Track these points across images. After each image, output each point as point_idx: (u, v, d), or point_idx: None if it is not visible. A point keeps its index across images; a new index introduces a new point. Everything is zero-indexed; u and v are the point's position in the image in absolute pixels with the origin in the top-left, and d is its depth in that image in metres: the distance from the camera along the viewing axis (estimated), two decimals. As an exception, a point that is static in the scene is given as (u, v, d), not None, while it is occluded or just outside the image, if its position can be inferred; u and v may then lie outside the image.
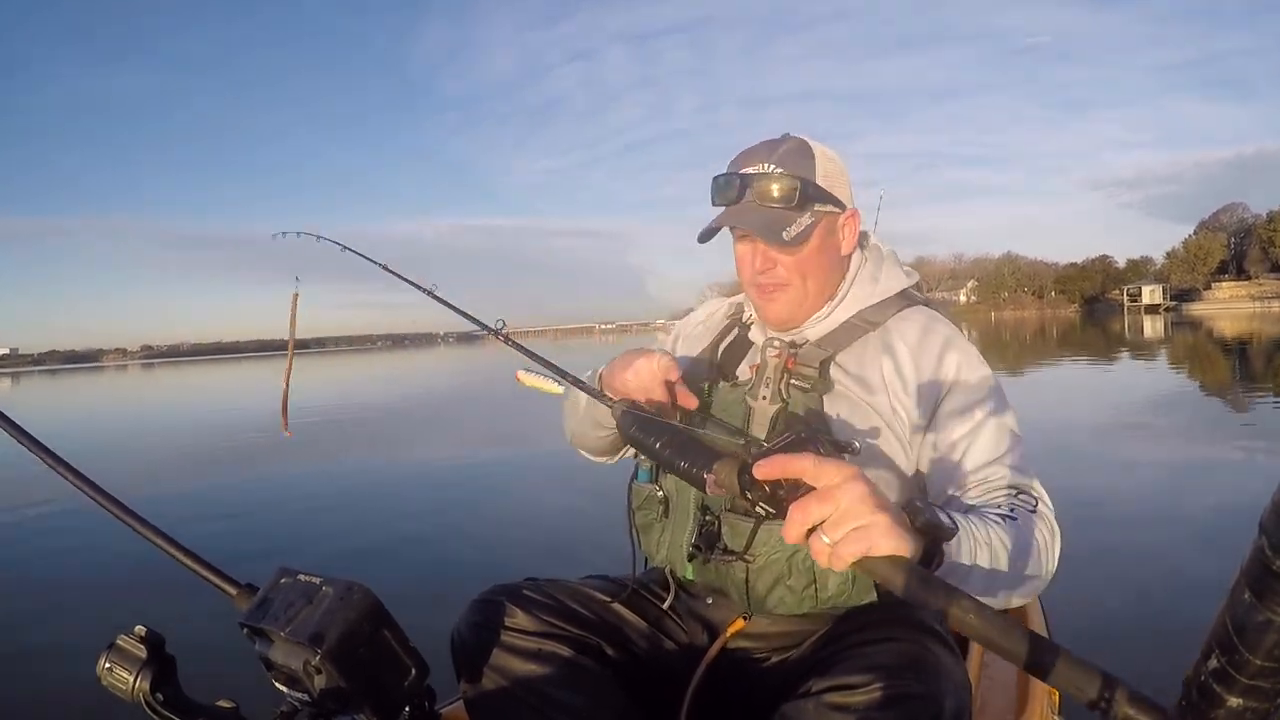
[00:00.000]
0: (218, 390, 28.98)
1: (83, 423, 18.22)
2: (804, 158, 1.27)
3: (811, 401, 1.22)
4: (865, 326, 1.30)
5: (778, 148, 1.28)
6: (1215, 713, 0.48)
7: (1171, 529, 4.72)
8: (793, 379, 1.24)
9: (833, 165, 1.29)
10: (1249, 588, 0.44)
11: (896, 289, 1.34)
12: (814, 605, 1.20)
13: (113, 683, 0.83)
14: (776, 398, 1.23)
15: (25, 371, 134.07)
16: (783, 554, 1.19)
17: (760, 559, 1.20)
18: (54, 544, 5.84)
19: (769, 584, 1.20)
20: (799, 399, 1.22)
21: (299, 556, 4.97)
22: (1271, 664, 0.44)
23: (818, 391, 1.23)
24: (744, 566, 1.21)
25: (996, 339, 36.69)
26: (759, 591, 1.21)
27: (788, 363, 1.24)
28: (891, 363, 1.24)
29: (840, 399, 1.23)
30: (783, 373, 1.23)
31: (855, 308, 1.32)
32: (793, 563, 1.19)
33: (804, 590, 1.19)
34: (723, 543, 1.23)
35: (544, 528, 5.63)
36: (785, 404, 1.22)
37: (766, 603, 1.22)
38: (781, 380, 1.23)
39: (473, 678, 1.22)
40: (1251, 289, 76.92)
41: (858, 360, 1.27)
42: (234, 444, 10.95)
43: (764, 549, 1.20)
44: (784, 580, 1.19)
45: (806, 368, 1.25)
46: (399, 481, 7.94)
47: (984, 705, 1.45)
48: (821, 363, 1.25)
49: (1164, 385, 13.73)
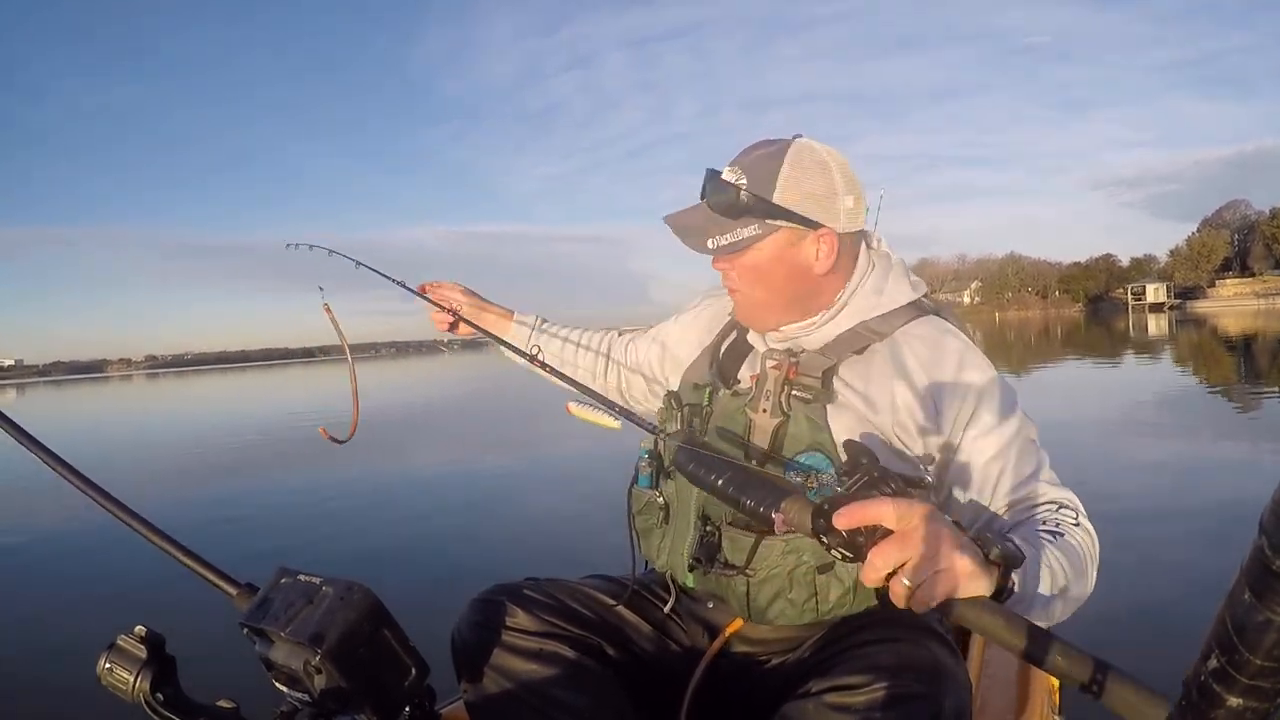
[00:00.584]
0: (222, 399, 29.01)
1: (90, 430, 18.28)
2: (770, 168, 1.18)
3: (814, 413, 1.19)
4: (871, 336, 1.24)
5: (757, 151, 1.21)
6: (1215, 713, 0.47)
7: (1172, 527, 4.71)
8: (794, 390, 1.21)
9: (815, 179, 1.19)
10: (1249, 587, 0.44)
11: (903, 300, 1.26)
12: (815, 617, 1.18)
13: (113, 683, 0.83)
14: (777, 411, 1.20)
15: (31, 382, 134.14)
16: (783, 568, 1.17)
17: (761, 573, 1.18)
18: (54, 544, 5.86)
19: (770, 597, 1.19)
20: (800, 410, 1.19)
21: (299, 556, 4.97)
22: (1271, 664, 0.44)
23: (820, 402, 1.19)
24: (744, 580, 1.20)
25: (1001, 340, 36.63)
26: (760, 604, 1.20)
27: (789, 373, 1.21)
28: (901, 377, 1.20)
29: (843, 410, 1.20)
30: (783, 385, 1.21)
31: (857, 318, 1.25)
32: (794, 576, 1.17)
33: (805, 603, 1.17)
34: (723, 556, 1.21)
35: (544, 528, 5.63)
36: (786, 418, 1.20)
37: (767, 614, 1.20)
38: (782, 393, 1.20)
39: (473, 677, 1.22)
40: (1256, 286, 76.71)
41: (864, 371, 1.22)
42: (240, 448, 10.98)
43: (764, 563, 1.18)
44: (785, 594, 1.18)
45: (808, 377, 1.21)
46: (399, 482, 7.95)
47: (984, 705, 1.45)
48: (824, 372, 1.22)
49: (1169, 383, 13.69)
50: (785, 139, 1.23)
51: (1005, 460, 1.15)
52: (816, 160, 1.20)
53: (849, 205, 1.22)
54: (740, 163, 1.21)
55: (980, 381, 1.18)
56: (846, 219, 1.22)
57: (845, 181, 1.22)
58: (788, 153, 1.19)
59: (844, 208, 1.21)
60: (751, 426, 1.22)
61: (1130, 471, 6.40)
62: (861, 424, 1.19)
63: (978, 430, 1.16)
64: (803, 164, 1.19)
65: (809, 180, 1.19)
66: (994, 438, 1.15)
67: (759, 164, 1.19)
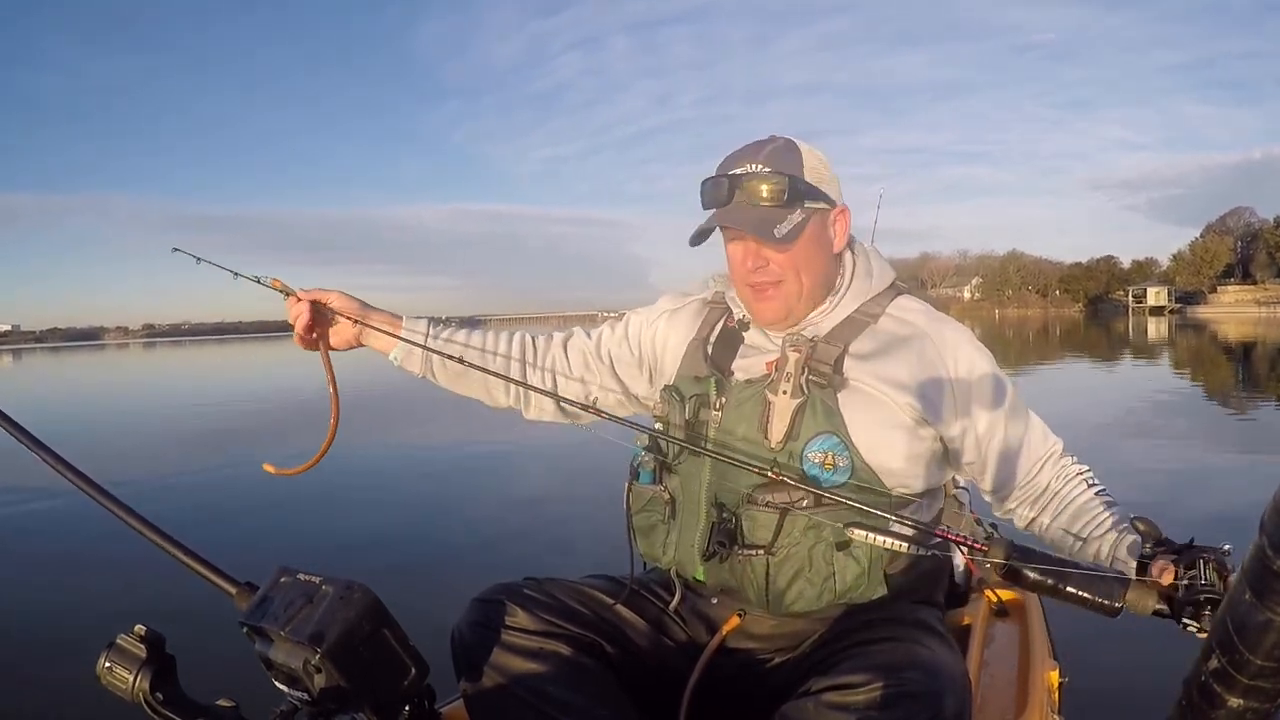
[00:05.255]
0: (221, 376, 28.92)
1: (86, 408, 18.25)
2: (791, 155, 1.29)
3: (828, 398, 1.24)
4: (868, 318, 1.32)
5: (764, 148, 1.29)
6: (1215, 713, 0.47)
7: (1171, 528, 4.70)
8: (810, 375, 1.25)
9: (820, 164, 1.31)
10: (1249, 588, 0.44)
11: (888, 282, 1.37)
12: (832, 598, 1.21)
13: (113, 682, 0.83)
14: (798, 392, 1.24)
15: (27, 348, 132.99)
16: (804, 545, 1.20)
17: (782, 551, 1.21)
18: (54, 543, 5.84)
19: (789, 577, 1.21)
20: (816, 394, 1.24)
21: (298, 555, 4.97)
22: (1271, 664, 0.44)
23: (833, 387, 1.25)
24: (765, 561, 1.22)
25: (1000, 336, 36.63)
26: (779, 585, 1.22)
27: (807, 357, 1.27)
28: (906, 348, 1.28)
29: (855, 392, 1.25)
30: (803, 368, 1.26)
31: (856, 302, 1.33)
32: (814, 554, 1.20)
33: (823, 583, 1.20)
34: (743, 537, 1.23)
35: (544, 527, 5.63)
36: (806, 398, 1.24)
37: (786, 597, 1.22)
38: (803, 375, 1.25)
39: (473, 677, 1.22)
40: (1257, 294, 76.48)
41: (869, 350, 1.29)
42: (235, 434, 10.97)
43: (786, 540, 1.21)
44: (804, 573, 1.20)
45: (822, 364, 1.26)
46: (399, 481, 7.94)
47: (984, 704, 1.45)
48: (835, 359, 1.27)
49: (1167, 387, 13.70)
50: (766, 138, 1.33)
51: (1025, 426, 1.31)
52: (810, 149, 1.32)
53: (838, 186, 1.35)
54: (755, 159, 1.28)
55: (976, 353, 1.31)
56: (840, 199, 1.35)
57: (829, 168, 1.34)
58: (794, 144, 1.31)
59: (838, 188, 1.34)
60: (770, 410, 1.24)
61: (1131, 473, 6.40)
62: (874, 399, 1.25)
63: (986, 400, 1.28)
64: (810, 152, 1.31)
65: (818, 165, 1.31)
66: (1002, 404, 1.29)
67: (779, 155, 1.28)
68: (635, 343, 1.50)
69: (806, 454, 1.21)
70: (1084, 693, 1.77)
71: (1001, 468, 1.31)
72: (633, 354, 1.50)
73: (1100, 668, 0.88)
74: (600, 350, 1.52)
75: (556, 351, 1.53)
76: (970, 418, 1.28)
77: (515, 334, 1.56)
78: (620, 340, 1.51)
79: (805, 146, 1.31)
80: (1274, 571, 0.42)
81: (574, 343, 1.54)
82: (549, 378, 1.51)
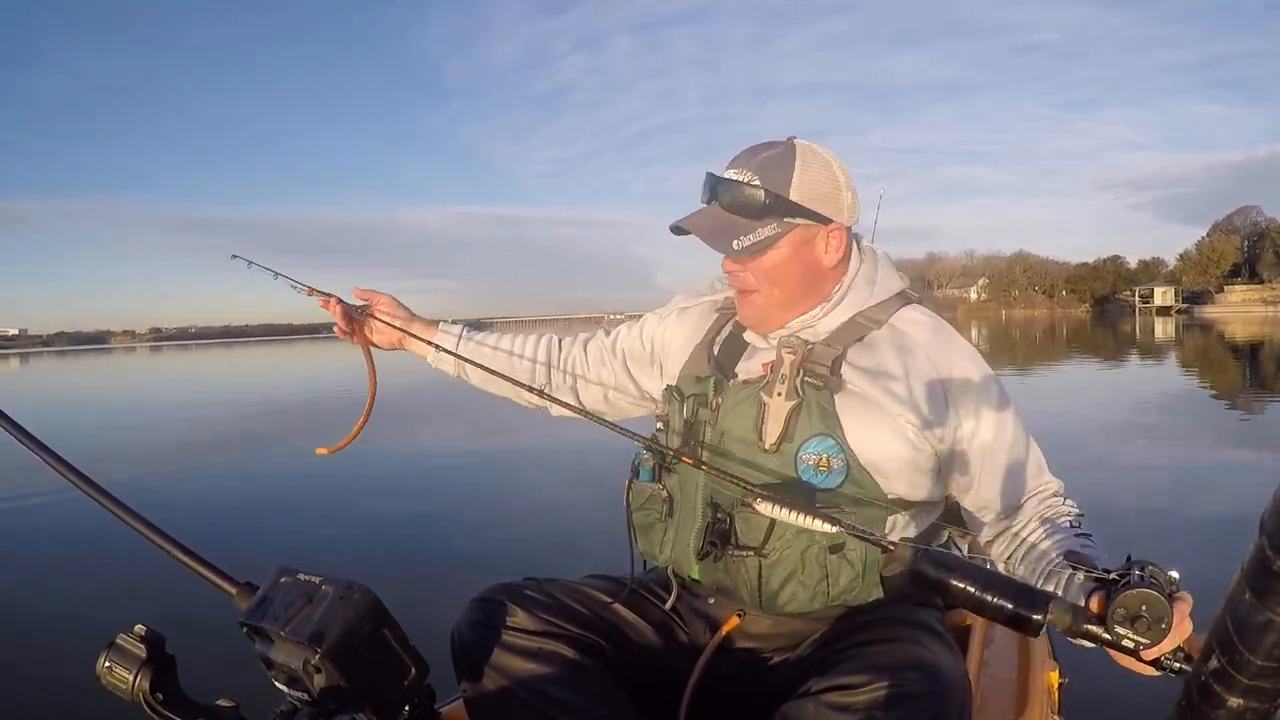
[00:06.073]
0: (227, 381, 29.01)
1: (98, 409, 18.31)
2: (783, 168, 1.24)
3: (823, 399, 1.23)
4: (869, 325, 1.30)
5: (762, 153, 1.26)
6: (1216, 713, 0.47)
7: (1172, 528, 4.69)
8: (806, 376, 1.25)
9: (822, 177, 1.26)
10: (1249, 588, 0.43)
11: (894, 289, 1.34)
12: (825, 601, 1.20)
13: (113, 682, 0.83)
14: (793, 394, 1.24)
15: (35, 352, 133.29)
16: (796, 548, 1.19)
17: (774, 554, 1.20)
18: (53, 543, 5.86)
19: (782, 579, 1.20)
20: (811, 396, 1.23)
21: (298, 555, 4.98)
22: (1271, 664, 0.44)
23: (830, 389, 1.24)
24: (757, 562, 1.21)
25: (1007, 337, 36.54)
26: (771, 587, 1.21)
27: (803, 359, 1.26)
28: (906, 358, 1.26)
29: (851, 396, 1.24)
30: (798, 370, 1.25)
31: (855, 308, 1.31)
32: (806, 557, 1.19)
33: (816, 585, 1.19)
34: (737, 538, 1.23)
35: (544, 527, 5.64)
36: (801, 399, 1.23)
37: (779, 599, 1.21)
38: (797, 377, 1.24)
39: (473, 677, 1.22)
40: (1264, 293, 75.96)
41: (868, 357, 1.27)
42: (232, 435, 11.01)
43: (778, 543, 1.20)
44: (797, 575, 1.20)
45: (819, 366, 1.26)
46: (398, 480, 7.95)
47: (984, 705, 1.44)
48: (833, 361, 1.26)
49: (1174, 387, 13.66)
50: (783, 140, 1.29)
51: (1012, 448, 1.26)
52: (820, 159, 1.27)
53: (849, 200, 1.30)
54: (747, 165, 1.25)
55: (978, 371, 1.28)
56: (848, 214, 1.30)
57: (845, 178, 1.29)
58: (796, 153, 1.26)
59: (845, 203, 1.29)
60: (765, 411, 1.24)
61: (1130, 474, 6.38)
62: (869, 404, 1.23)
63: (985, 419, 1.25)
64: (811, 163, 1.26)
65: (818, 178, 1.26)
66: (1000, 427, 1.25)
67: (770, 165, 1.25)
68: (648, 338, 1.53)
69: (801, 455, 1.21)
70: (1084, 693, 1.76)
71: (984, 496, 1.27)
72: (644, 349, 1.53)
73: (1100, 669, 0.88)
74: (615, 346, 1.57)
75: (577, 352, 1.60)
76: (963, 439, 1.25)
77: (542, 336, 1.65)
78: (635, 336, 1.55)
79: (816, 156, 1.27)
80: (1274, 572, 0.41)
81: (593, 342, 1.61)
82: (569, 378, 1.60)
